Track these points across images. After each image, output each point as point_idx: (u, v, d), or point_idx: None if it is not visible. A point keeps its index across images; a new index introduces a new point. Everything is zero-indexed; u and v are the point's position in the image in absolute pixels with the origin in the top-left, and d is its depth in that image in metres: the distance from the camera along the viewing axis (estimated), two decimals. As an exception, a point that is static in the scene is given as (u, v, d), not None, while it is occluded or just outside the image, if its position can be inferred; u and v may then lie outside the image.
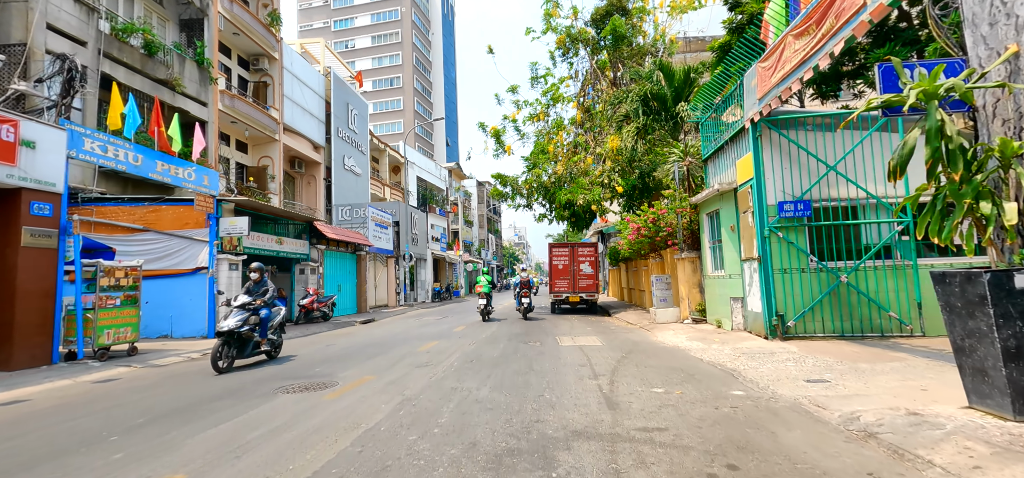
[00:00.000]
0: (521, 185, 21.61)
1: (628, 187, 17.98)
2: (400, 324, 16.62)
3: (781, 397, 5.08)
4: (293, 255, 17.75)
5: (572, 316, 17.71)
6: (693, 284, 12.36)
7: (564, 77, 21.25)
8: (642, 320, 14.44)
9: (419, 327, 15.06)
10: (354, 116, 29.41)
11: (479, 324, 15.06)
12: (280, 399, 5.75)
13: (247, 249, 14.88)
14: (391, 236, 27.78)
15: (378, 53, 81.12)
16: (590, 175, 19.30)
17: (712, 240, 11.54)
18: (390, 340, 11.72)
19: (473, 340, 11.03)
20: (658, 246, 13.66)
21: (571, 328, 13.29)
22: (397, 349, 9.84)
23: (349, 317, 19.62)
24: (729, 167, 10.44)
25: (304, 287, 17.81)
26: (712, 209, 11.26)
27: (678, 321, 12.67)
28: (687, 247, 12.58)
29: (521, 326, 14.08)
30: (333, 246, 21.00)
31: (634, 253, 15.67)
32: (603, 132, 19.92)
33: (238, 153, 21.62)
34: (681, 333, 10.69)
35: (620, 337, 10.97)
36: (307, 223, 18.95)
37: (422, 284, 34.54)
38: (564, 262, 19.51)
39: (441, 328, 14.40)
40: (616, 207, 22.12)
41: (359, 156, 29.67)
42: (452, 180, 56.03)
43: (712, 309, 11.56)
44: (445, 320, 17.29)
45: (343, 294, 21.46)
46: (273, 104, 22.38)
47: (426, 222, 35.24)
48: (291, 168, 25.19)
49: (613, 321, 15.56)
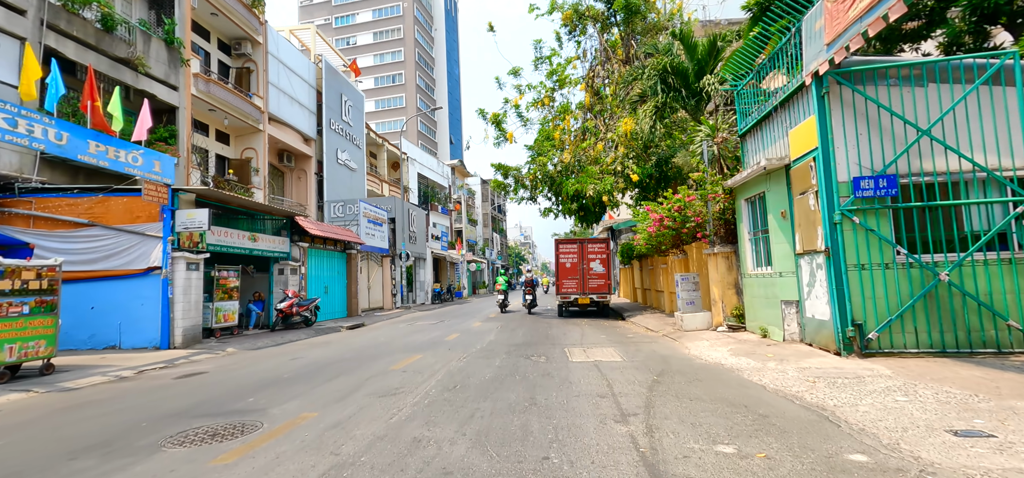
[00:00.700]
0: (524, 176, 19.68)
1: (644, 175, 16.01)
2: (388, 330, 14.77)
3: (938, 469, 3.13)
4: (271, 253, 15.96)
5: (582, 320, 15.78)
6: (728, 284, 10.39)
7: (571, 58, 19.28)
8: (664, 326, 12.47)
9: (408, 334, 13.19)
10: (349, 108, 27.66)
11: (476, 331, 13.18)
12: (165, 456, 3.89)
13: (214, 247, 13.10)
14: (386, 234, 25.97)
15: (380, 49, 79.60)
16: (601, 163, 17.35)
17: (753, 231, 9.56)
18: (368, 351, 9.86)
19: (464, 352, 9.14)
20: (684, 239, 11.70)
21: (582, 336, 11.36)
22: (369, 366, 7.96)
23: (335, 322, 17.80)
24: (777, 140, 8.47)
25: (283, 289, 16.01)
26: (754, 193, 9.28)
27: (709, 328, 10.70)
28: (720, 240, 10.61)
29: (524, 331, 12.18)
30: (319, 244, 19.19)
31: (652, 249, 13.76)
32: (615, 116, 17.96)
33: (219, 144, 19.88)
34: (718, 344, 8.72)
35: (644, 349, 9.03)
36: (288, 218, 17.16)
37: (421, 285, 32.73)
38: (572, 260, 17.56)
39: (432, 335, 12.53)
40: (628, 199, 20.16)
41: (354, 150, 27.92)
42: (455, 178, 54.31)
43: (753, 314, 9.57)
44: (440, 325, 15.42)
45: (330, 296, 19.65)
46: (257, 92, 20.62)
47: (425, 220, 33.42)
48: (279, 162, 23.45)
49: (630, 327, 13.61)
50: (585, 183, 16.86)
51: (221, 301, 13.02)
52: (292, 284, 16.62)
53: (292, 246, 17.09)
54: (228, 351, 10.70)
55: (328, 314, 19.29)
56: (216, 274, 12.92)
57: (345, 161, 26.75)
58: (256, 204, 15.39)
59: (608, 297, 17.22)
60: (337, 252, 20.78)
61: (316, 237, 18.56)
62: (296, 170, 24.78)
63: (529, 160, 19.32)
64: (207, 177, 18.21)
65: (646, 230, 12.39)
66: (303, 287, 17.20)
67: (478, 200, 64.43)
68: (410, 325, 16.18)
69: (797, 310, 7.98)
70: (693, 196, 10.40)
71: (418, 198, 39.33)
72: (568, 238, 18.08)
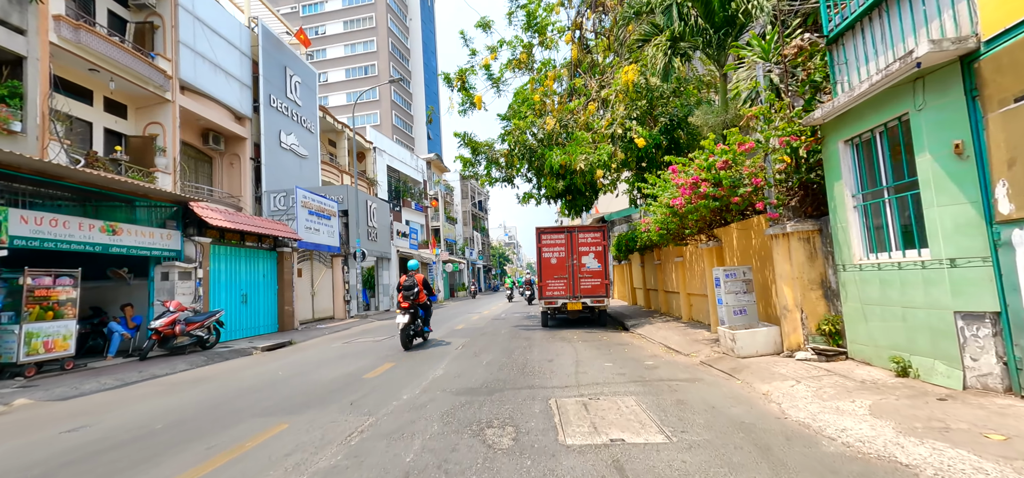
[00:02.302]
0: (498, 152, 15.63)
1: (651, 142, 12.14)
2: (311, 354, 10.61)
3: None
4: (149, 252, 11.67)
5: (573, 332, 11.85)
6: (809, 283, 6.51)
7: (553, 3, 15.38)
8: (693, 344, 8.57)
9: (327, 362, 9.05)
10: (296, 84, 23.35)
11: (426, 358, 9.10)
12: None
13: (26, 242, 8.82)
14: (336, 229, 21.70)
15: (351, 39, 74.92)
16: (593, 129, 13.43)
17: (865, 190, 5.70)
18: (231, 404, 5.72)
19: (376, 411, 5.09)
20: (731, 212, 7.80)
21: (577, 365, 7.39)
22: (183, 452, 3.85)
23: (254, 340, 13.53)
24: (933, 18, 4.61)
25: (168, 300, 11.68)
26: (874, 124, 5.40)
27: (778, 352, 6.81)
28: (792, 213, 6.73)
29: (492, 357, 8.16)
30: (234, 240, 14.89)
31: (667, 236, 9.90)
32: (612, 70, 14.07)
33: (111, 116, 15.43)
34: (827, 391, 4.81)
35: (691, 400, 5.08)
36: (179, 206, 12.85)
37: (386, 289, 28.47)
38: (559, 254, 13.61)
39: (357, 366, 8.42)
40: (625, 185, 16.33)
41: (304, 134, 23.61)
42: (432, 172, 50.10)
43: (869, 333, 5.70)
44: (381, 345, 11.30)
45: (251, 307, 15.35)
46: (163, 53, 16.22)
47: (388, 214, 29.17)
48: (204, 143, 18.99)
49: (641, 344, 9.68)
50: (574, 154, 12.91)
51: (40, 321, 8.72)
52: (182, 292, 12.30)
53: (186, 242, 12.79)
54: (8, 406, 6.43)
55: (247, 330, 15.00)
56: (28, 281, 8.62)
57: (292, 146, 22.43)
58: (117, 183, 11.03)
59: (605, 301, 13.30)
60: (263, 250, 16.49)
61: (226, 230, 14.27)
62: (227, 155, 20.36)
63: (503, 132, 15.31)
64: (80, 154, 13.73)
65: (662, 209, 8.54)
66: (200, 297, 12.88)
67: (457, 197, 60.32)
68: (346, 344, 12.03)
69: (996, 330, 4.12)
70: (748, 142, 6.54)
71: (388, 193, 35.08)
72: (553, 227, 14.10)
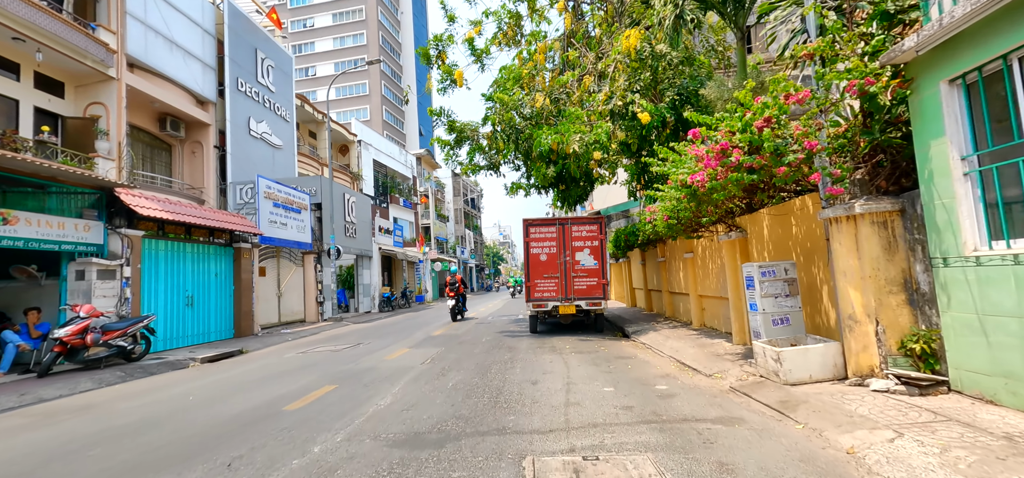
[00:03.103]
0: (482, 136, 13.78)
1: (658, 118, 10.36)
2: (253, 367, 8.76)
3: None
4: (56, 245, 9.76)
5: (564, 340, 10.03)
6: (888, 282, 4.72)
7: (544, -33, 13.56)
8: (714, 359, 6.78)
9: (260, 383, 7.18)
10: (268, 69, 21.43)
11: (381, 373, 7.25)
12: None
13: None
14: (308, 224, 19.79)
15: (340, 32, 72.88)
16: (590, 104, 11.62)
17: (981, 151, 3.91)
18: (96, 449, 3.87)
19: (273, 476, 3.26)
20: (769, 188, 5.98)
21: (567, 390, 5.57)
22: None
23: (197, 350, 11.62)
24: None
25: (88, 303, 9.75)
26: (1004, 50, 3.61)
27: (839, 378, 5.01)
28: (860, 189, 4.94)
29: (460, 379, 6.32)
30: (177, 234, 12.99)
31: (676, 227, 8.07)
32: (611, 38, 12.29)
33: (45, 94, 13.40)
34: (964, 457, 3.02)
35: (741, 470, 3.28)
36: (102, 192, 10.93)
37: (367, 289, 26.57)
38: (549, 249, 11.79)
39: (294, 387, 6.58)
40: (622, 173, 14.56)
41: (279, 123, 21.69)
42: (422, 168, 48.26)
43: (994, 356, 3.91)
44: (340, 356, 9.44)
45: (200, 311, 13.43)
46: (107, 25, 14.25)
47: (370, 209, 27.27)
48: (160, 129, 16.99)
49: (650, 359, 7.87)
50: (567, 134, 11.10)
51: None
52: (104, 294, 10.38)
53: (110, 235, 10.87)
54: None
55: (194, 336, 13.09)
56: None
57: (263, 134, 20.49)
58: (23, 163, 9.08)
59: (602, 303, 11.50)
60: (217, 246, 14.58)
61: (167, 222, 12.36)
62: (189, 142, 18.38)
63: (487, 111, 13.44)
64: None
65: (673, 193, 6.74)
66: (127, 299, 10.95)
67: (449, 194, 58.54)
68: (300, 355, 10.17)
69: None
70: (801, 91, 4.75)
71: (375, 189, 33.18)
72: (543, 219, 12.25)
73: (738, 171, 5.36)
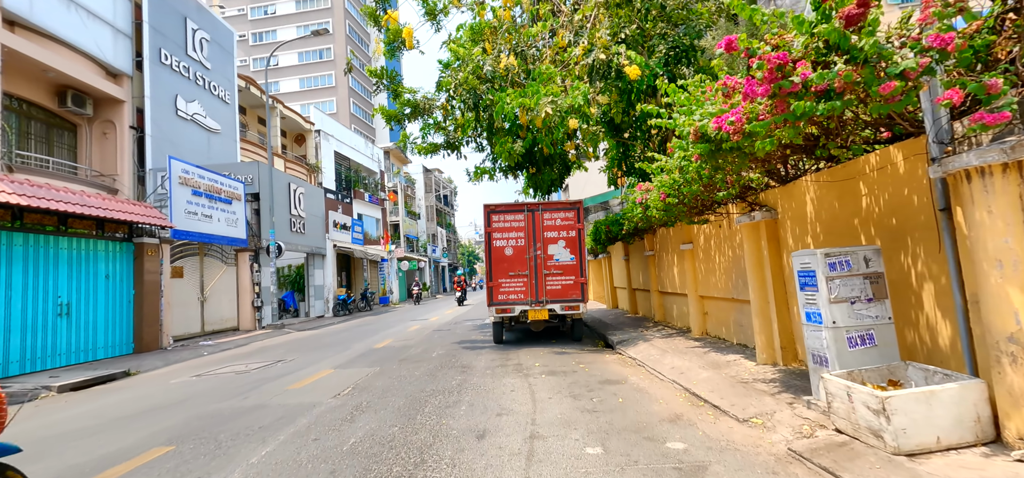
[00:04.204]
0: (436, 108, 11.42)
1: (649, 74, 8.25)
2: (116, 399, 6.29)
3: None
4: None
5: (534, 355, 7.81)
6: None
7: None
8: (740, 389, 4.67)
9: (104, 430, 4.72)
10: (202, 41, 18.58)
11: (239, 435, 4.91)
12: None
13: None
14: (242, 216, 17.08)
15: (304, 20, 69.08)
16: (564, 61, 9.43)
17: None
18: None
19: None
20: (826, 146, 3.91)
21: (527, 452, 3.30)
22: None
23: (65, 373, 8.97)
24: None
25: None
26: None
27: (994, 441, 2.93)
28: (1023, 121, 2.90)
29: (376, 425, 4.03)
30: (40, 224, 10.26)
31: (682, 205, 6.01)
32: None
33: None
34: None
35: None
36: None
37: (320, 291, 23.87)
38: (516, 241, 9.58)
39: (131, 441, 4.17)
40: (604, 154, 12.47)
41: (216, 104, 18.86)
42: (391, 163, 45.49)
43: None
44: (254, 375, 7.01)
45: (80, 322, 10.71)
46: None
47: (323, 202, 24.58)
48: (59, 104, 14.01)
49: (644, 382, 5.71)
50: (537, 96, 8.89)
51: None
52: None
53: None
54: None
55: (72, 354, 10.38)
56: None
57: (194, 115, 17.64)
58: None
59: (581, 307, 9.35)
60: (109, 240, 11.87)
61: (26, 210, 9.63)
62: (98, 122, 15.40)
63: (442, 76, 11.10)
64: None
65: (680, 157, 4.69)
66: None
67: (420, 190, 55.75)
68: (194, 381, 7.68)
69: None
70: None
71: (338, 183, 30.44)
72: (508, 205, 9.98)
73: (802, 100, 3.25)
